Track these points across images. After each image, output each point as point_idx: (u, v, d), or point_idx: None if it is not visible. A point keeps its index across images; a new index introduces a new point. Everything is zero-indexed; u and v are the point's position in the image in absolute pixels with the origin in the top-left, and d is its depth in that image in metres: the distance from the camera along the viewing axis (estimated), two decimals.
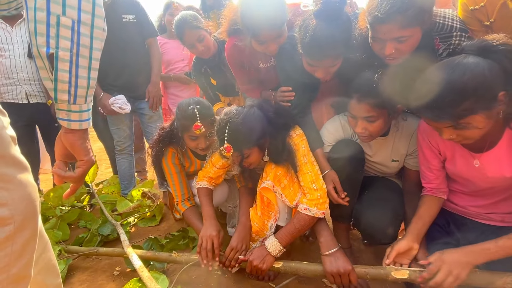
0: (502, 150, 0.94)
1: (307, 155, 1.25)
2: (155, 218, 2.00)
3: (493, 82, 0.81)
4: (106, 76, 2.14)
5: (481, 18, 1.04)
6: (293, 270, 1.17)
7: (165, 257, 1.41)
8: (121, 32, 2.07)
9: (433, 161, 1.11)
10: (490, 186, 1.03)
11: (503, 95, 0.82)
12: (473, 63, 0.82)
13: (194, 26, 1.75)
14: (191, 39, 1.78)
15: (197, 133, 1.39)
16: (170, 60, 2.52)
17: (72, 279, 1.51)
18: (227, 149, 1.13)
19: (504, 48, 0.81)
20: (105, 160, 4.02)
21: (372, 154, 1.32)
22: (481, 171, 1.00)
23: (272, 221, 1.30)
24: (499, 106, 0.83)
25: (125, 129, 2.24)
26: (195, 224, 1.46)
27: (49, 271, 0.95)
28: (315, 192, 1.19)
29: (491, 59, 0.82)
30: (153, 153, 1.59)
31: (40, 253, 0.92)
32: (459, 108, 0.81)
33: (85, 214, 2.01)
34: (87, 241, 1.72)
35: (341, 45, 1.11)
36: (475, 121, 0.83)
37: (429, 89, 0.85)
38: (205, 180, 1.51)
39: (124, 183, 2.30)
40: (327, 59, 1.14)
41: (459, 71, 0.81)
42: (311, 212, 1.18)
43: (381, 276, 1.03)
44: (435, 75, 0.85)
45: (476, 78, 0.80)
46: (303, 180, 1.22)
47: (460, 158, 1.04)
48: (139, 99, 2.22)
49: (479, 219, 1.10)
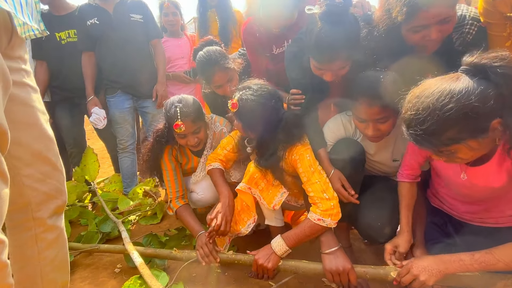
0: (491, 167, 0.91)
1: (313, 164, 1.22)
2: (157, 216, 2.02)
3: (483, 111, 0.72)
4: (110, 73, 2.17)
5: (504, 9, 0.99)
6: (293, 269, 1.17)
7: (165, 254, 1.42)
8: (128, 31, 2.10)
9: (418, 157, 1.12)
10: (474, 195, 1.03)
11: (497, 122, 0.74)
12: (462, 88, 0.74)
13: (225, 68, 1.58)
14: (221, 81, 1.61)
15: (178, 131, 1.39)
16: (170, 57, 2.53)
17: (74, 275, 1.53)
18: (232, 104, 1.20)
19: (503, 72, 0.73)
20: (107, 158, 4.04)
21: (373, 153, 1.32)
22: (466, 184, 0.99)
23: (251, 221, 1.30)
24: (493, 134, 0.76)
25: (127, 128, 2.26)
26: (190, 224, 1.46)
27: (61, 269, 0.97)
28: (327, 202, 1.16)
29: (489, 81, 0.74)
30: (150, 157, 1.55)
31: (57, 252, 0.93)
32: (441, 137, 0.76)
33: (86, 212, 2.02)
34: (88, 238, 1.73)
35: (348, 48, 1.08)
36: (459, 150, 0.78)
37: (412, 107, 0.80)
38: (217, 161, 1.47)
39: (126, 181, 2.32)
40: (334, 62, 1.11)
41: (444, 98, 0.74)
42: (324, 222, 1.16)
43: (381, 276, 1.04)
44: (420, 94, 0.80)
45: (461, 108, 0.72)
46: (312, 190, 1.18)
47: (448, 167, 1.03)
48: (142, 98, 2.24)
49: (474, 222, 1.11)
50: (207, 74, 1.62)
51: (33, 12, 0.88)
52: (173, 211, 1.56)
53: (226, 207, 1.27)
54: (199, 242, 1.34)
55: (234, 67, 1.62)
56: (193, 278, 1.42)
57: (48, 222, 0.88)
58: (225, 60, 1.59)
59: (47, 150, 0.88)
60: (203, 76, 1.69)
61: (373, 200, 1.24)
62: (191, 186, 1.67)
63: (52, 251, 0.91)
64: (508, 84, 0.73)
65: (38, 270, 0.88)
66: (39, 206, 0.86)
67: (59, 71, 2.17)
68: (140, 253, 1.42)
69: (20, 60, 0.88)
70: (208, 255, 1.27)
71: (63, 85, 2.20)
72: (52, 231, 0.90)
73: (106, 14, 2.08)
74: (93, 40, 2.11)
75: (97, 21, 2.06)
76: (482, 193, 0.99)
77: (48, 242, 0.90)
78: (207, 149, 1.65)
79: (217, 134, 1.66)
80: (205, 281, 1.40)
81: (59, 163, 0.92)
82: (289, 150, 1.26)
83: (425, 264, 0.93)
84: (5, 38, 0.81)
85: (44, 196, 0.87)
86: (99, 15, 2.07)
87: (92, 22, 2.06)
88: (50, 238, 0.90)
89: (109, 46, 2.10)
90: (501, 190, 0.94)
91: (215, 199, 1.62)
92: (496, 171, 0.91)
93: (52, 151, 0.90)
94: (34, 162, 0.85)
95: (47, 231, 0.89)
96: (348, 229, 1.43)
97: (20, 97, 0.84)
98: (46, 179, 0.87)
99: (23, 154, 0.82)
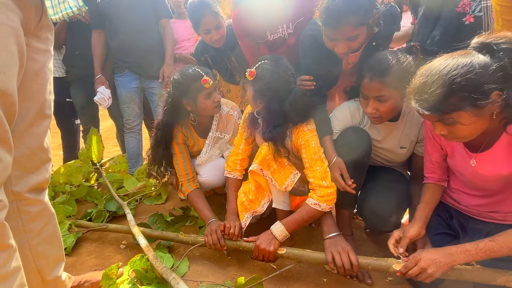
0: (498, 151, 0.94)
1: (318, 152, 1.25)
2: (161, 196, 2.05)
3: (485, 80, 0.79)
4: (118, 52, 2.16)
5: None
6: (296, 257, 1.19)
7: (172, 237, 1.45)
8: (137, 9, 2.06)
9: (434, 155, 1.15)
10: (487, 184, 1.03)
11: (496, 94, 0.80)
12: (468, 60, 0.81)
13: (214, 12, 1.68)
14: (210, 25, 1.70)
15: (207, 86, 1.42)
16: (177, 39, 2.49)
17: (81, 249, 1.58)
18: (250, 73, 1.26)
19: (507, 47, 0.80)
20: (112, 138, 4.08)
21: (381, 139, 1.31)
22: (477, 170, 1.01)
23: (265, 200, 1.34)
24: (491, 105, 0.80)
25: (134, 108, 2.26)
26: (201, 211, 1.48)
27: (51, 243, 0.99)
28: (325, 189, 1.21)
29: (494, 57, 0.81)
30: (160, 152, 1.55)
31: (43, 225, 0.95)
32: (444, 102, 0.81)
33: (93, 191, 2.06)
34: (95, 217, 1.77)
35: (359, 11, 1.07)
36: (461, 117, 0.82)
37: (420, 79, 0.86)
38: (237, 170, 1.50)
39: (132, 162, 2.34)
40: (344, 26, 1.09)
41: (450, 66, 0.81)
42: (320, 207, 1.21)
43: (383, 268, 1.04)
44: (429, 67, 0.86)
45: (465, 74, 0.79)
46: (312, 177, 1.24)
47: (458, 155, 1.06)
48: (149, 79, 2.22)
49: (481, 217, 1.11)
50: (197, 15, 1.70)
51: None
52: (184, 195, 1.57)
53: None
54: (208, 229, 1.35)
55: (222, 16, 1.72)
56: (197, 258, 1.46)
57: (28, 195, 0.89)
58: (215, 5, 1.69)
59: (39, 127, 0.89)
60: (192, 19, 1.76)
61: (379, 189, 1.25)
62: (196, 168, 1.68)
63: (37, 224, 0.93)
64: (510, 59, 0.79)
65: (25, 242, 0.91)
66: (18, 180, 0.87)
67: (74, 49, 2.17)
68: (146, 234, 1.45)
69: (48, 41, 0.89)
70: (216, 243, 1.30)
71: (79, 63, 2.21)
72: (34, 205, 0.92)
73: None
74: (103, 18, 2.08)
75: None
76: (493, 182, 1.00)
77: (32, 215, 0.91)
78: (212, 130, 1.65)
79: (223, 116, 1.65)
80: (208, 260, 1.43)
81: (45, 143, 0.92)
82: (295, 131, 1.29)
83: (433, 257, 0.94)
84: (35, 18, 0.81)
85: (24, 170, 0.88)
86: None
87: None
88: (34, 211, 0.92)
89: (118, 25, 2.07)
90: (510, 177, 0.95)
91: (220, 181, 1.64)
92: (505, 158, 0.93)
93: (44, 128, 0.91)
94: (25, 137, 0.86)
95: (29, 204, 0.90)
96: (350, 217, 1.44)
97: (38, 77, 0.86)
98: (31, 155, 0.88)
99: (17, 128, 0.83)
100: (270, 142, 1.28)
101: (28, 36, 0.81)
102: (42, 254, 0.96)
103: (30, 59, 0.82)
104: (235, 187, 1.47)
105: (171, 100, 1.50)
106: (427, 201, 1.14)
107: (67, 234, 1.57)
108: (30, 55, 0.82)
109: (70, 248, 1.54)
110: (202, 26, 1.72)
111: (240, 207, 1.37)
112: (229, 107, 1.66)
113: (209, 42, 1.80)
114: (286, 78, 1.25)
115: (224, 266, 1.39)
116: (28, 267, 0.92)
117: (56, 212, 1.73)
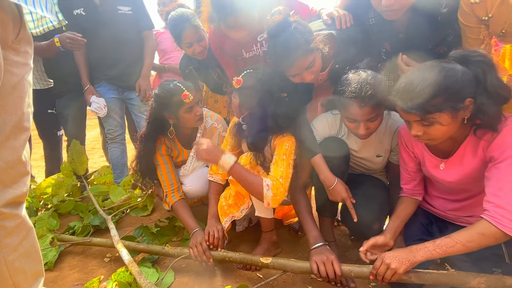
0: (463, 153, 1.03)
1: (288, 155, 1.28)
2: (147, 208, 2.02)
3: (464, 87, 0.88)
4: (98, 66, 2.13)
5: (480, 13, 1.06)
6: (282, 267, 1.20)
7: (157, 250, 1.43)
8: (116, 24, 2.02)
9: (409, 164, 1.20)
10: (458, 187, 1.10)
11: (470, 101, 0.89)
12: (451, 66, 0.91)
13: (195, 25, 1.69)
14: (191, 38, 1.71)
15: (187, 101, 1.43)
16: (166, 49, 2.50)
17: (63, 264, 1.53)
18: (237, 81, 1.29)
19: (480, 60, 0.90)
20: (98, 149, 4.02)
21: (358, 149, 1.35)
22: (446, 173, 1.08)
23: (244, 206, 1.35)
24: (464, 111, 0.90)
25: (115, 117, 2.23)
26: (185, 221, 1.48)
27: (30, 258, 0.97)
28: (279, 186, 1.22)
29: (469, 68, 0.90)
30: (142, 160, 1.56)
31: (20, 240, 0.93)
32: (429, 102, 0.88)
33: (78, 205, 2.02)
34: (80, 231, 1.73)
35: (301, 46, 1.13)
36: (441, 118, 0.90)
37: (406, 81, 0.92)
38: (219, 173, 1.50)
39: (117, 172, 2.31)
40: (295, 63, 1.16)
41: (437, 70, 0.89)
42: (267, 192, 1.22)
43: (365, 274, 1.07)
44: (415, 70, 0.94)
45: (449, 78, 0.88)
46: (273, 171, 1.26)
47: (428, 162, 1.12)
48: (129, 90, 2.20)
49: (458, 222, 1.16)
50: (177, 30, 1.71)
51: (47, 3, 0.87)
52: (169, 206, 1.57)
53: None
54: (193, 240, 1.35)
55: (203, 29, 1.73)
56: (183, 269, 1.44)
57: (3, 210, 0.87)
58: (195, 19, 1.70)
59: (16, 140, 0.88)
60: (173, 34, 1.76)
61: (360, 197, 1.27)
62: (180, 178, 1.68)
63: (14, 238, 0.91)
64: (483, 71, 0.89)
65: (1, 258, 0.88)
66: None
67: (58, 61, 2.10)
68: (131, 248, 1.44)
69: (27, 54, 0.88)
70: (202, 254, 1.30)
71: (64, 76, 2.16)
72: (11, 219, 0.90)
73: (92, 5, 1.98)
74: (81, 29, 2.03)
75: (83, 12, 1.98)
76: (463, 183, 1.07)
77: (8, 230, 0.89)
78: None
79: (208, 129, 1.67)
80: (195, 271, 1.42)
81: (24, 156, 0.91)
82: (275, 138, 1.32)
83: (396, 254, 1.00)
84: (13, 31, 0.81)
85: (0, 184, 0.86)
86: (85, 5, 1.98)
87: (79, 12, 1.98)
88: (10, 226, 0.89)
89: (95, 41, 2.04)
90: (475, 175, 1.02)
91: (204, 190, 1.64)
92: (469, 160, 1.02)
93: (22, 141, 0.90)
94: (1, 150, 0.84)
95: (5, 219, 0.88)
96: (332, 224, 1.48)
97: (16, 90, 0.85)
98: (8, 169, 0.87)
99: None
100: (250, 151, 1.30)
101: (6, 49, 0.80)
102: (19, 270, 0.93)
103: (7, 72, 0.82)
104: (217, 190, 1.49)
105: (153, 114, 1.52)
106: (398, 214, 1.19)
107: (48, 248, 1.54)
108: (7, 68, 0.81)
109: (52, 263, 1.50)
110: (183, 40, 1.73)
111: (220, 211, 1.39)
112: (214, 119, 1.68)
113: (191, 54, 1.81)
114: (271, 85, 1.28)
115: (210, 277, 1.38)
116: (5, 283, 0.90)
117: (38, 226, 1.71)
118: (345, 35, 1.27)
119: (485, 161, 0.98)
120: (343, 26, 1.29)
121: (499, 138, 0.92)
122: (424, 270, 1.01)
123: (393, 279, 0.99)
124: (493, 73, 0.89)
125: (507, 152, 0.90)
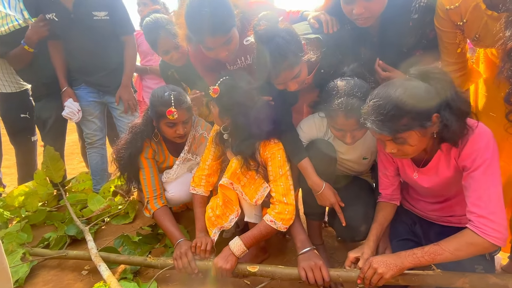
0: (437, 162, 1.05)
1: (283, 166, 1.27)
2: (129, 215, 1.94)
3: (429, 103, 0.90)
4: (73, 68, 2.04)
5: (455, 18, 1.08)
6: (269, 274, 1.18)
7: (139, 261, 1.37)
8: (92, 31, 1.91)
9: (389, 168, 1.21)
10: (434, 193, 1.13)
11: (436, 116, 0.91)
12: (414, 84, 0.92)
13: (171, 33, 1.56)
14: (167, 46, 1.64)
15: (171, 118, 1.37)
16: (147, 50, 2.43)
17: (36, 279, 1.44)
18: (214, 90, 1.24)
19: (439, 76, 0.93)
20: (77, 154, 3.85)
21: (344, 151, 1.35)
22: (422, 179, 1.10)
23: (233, 215, 1.32)
24: (432, 126, 0.92)
25: (95, 121, 2.13)
26: (168, 229, 1.41)
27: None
28: (284, 207, 1.22)
29: (430, 84, 0.92)
30: (125, 154, 1.47)
31: None
32: (397, 123, 0.90)
33: (52, 215, 1.90)
34: (54, 243, 1.62)
35: (288, 58, 1.11)
36: (411, 137, 0.92)
37: (373, 103, 0.93)
38: (202, 185, 1.46)
39: (96, 178, 2.21)
40: (283, 73, 1.13)
41: (401, 90, 0.91)
42: (275, 225, 1.23)
43: (353, 278, 1.06)
44: (381, 91, 0.94)
45: (414, 97, 0.89)
46: (275, 191, 1.25)
47: (407, 168, 1.15)
48: (110, 94, 2.11)
49: (440, 222, 1.18)
50: (152, 37, 1.65)
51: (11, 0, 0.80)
52: (150, 213, 1.50)
53: None
54: (177, 251, 1.29)
55: None
56: (167, 279, 1.39)
57: None
58: (171, 26, 1.59)
59: None
60: (149, 41, 1.73)
61: (348, 199, 1.27)
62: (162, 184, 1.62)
63: None
64: (443, 87, 0.92)
65: None
66: None
67: (38, 63, 1.97)
68: (112, 260, 1.37)
69: None
70: (187, 266, 1.24)
71: (44, 79, 2.03)
72: None
73: (64, 11, 1.86)
74: (55, 34, 1.93)
75: (56, 18, 1.87)
76: (438, 190, 1.10)
77: None
78: (184, 151, 1.61)
79: (197, 138, 1.62)
80: (180, 281, 1.37)
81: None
82: (263, 144, 1.29)
83: (384, 259, 1.00)
84: None
85: None
86: (58, 10, 1.86)
87: (51, 17, 1.87)
88: None
89: (72, 48, 1.95)
90: (450, 181, 1.04)
91: (187, 197, 1.58)
92: (443, 169, 1.04)
93: None
94: None
95: None
96: (320, 227, 1.47)
97: None
98: None
99: None
100: (240, 156, 1.27)
101: None
102: None
103: None
104: (202, 203, 1.44)
105: (148, 113, 1.49)
106: (380, 221, 1.19)
107: (19, 264, 1.43)
108: None
109: (23, 279, 1.40)
110: (159, 47, 1.66)
111: (207, 223, 1.34)
112: (204, 129, 1.64)
113: (169, 61, 1.73)
114: (249, 91, 1.25)
115: (196, 286, 1.33)
116: None
117: (7, 240, 1.59)
118: (332, 40, 1.25)
119: (458, 169, 1.00)
120: (330, 30, 1.28)
121: (468, 147, 0.94)
122: (410, 272, 1.01)
123: (380, 284, 0.99)
124: (453, 89, 0.92)
125: (477, 160, 0.93)
